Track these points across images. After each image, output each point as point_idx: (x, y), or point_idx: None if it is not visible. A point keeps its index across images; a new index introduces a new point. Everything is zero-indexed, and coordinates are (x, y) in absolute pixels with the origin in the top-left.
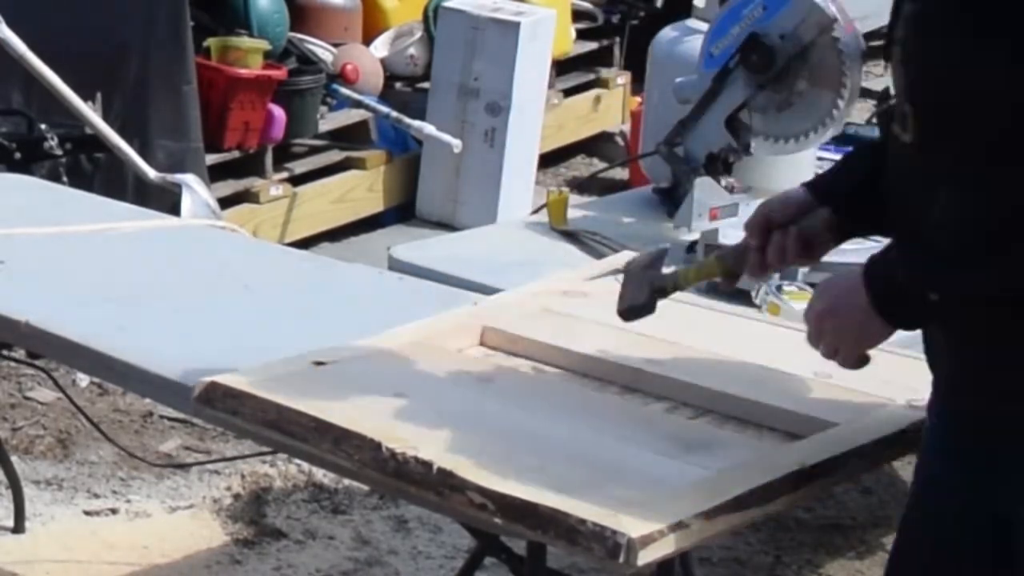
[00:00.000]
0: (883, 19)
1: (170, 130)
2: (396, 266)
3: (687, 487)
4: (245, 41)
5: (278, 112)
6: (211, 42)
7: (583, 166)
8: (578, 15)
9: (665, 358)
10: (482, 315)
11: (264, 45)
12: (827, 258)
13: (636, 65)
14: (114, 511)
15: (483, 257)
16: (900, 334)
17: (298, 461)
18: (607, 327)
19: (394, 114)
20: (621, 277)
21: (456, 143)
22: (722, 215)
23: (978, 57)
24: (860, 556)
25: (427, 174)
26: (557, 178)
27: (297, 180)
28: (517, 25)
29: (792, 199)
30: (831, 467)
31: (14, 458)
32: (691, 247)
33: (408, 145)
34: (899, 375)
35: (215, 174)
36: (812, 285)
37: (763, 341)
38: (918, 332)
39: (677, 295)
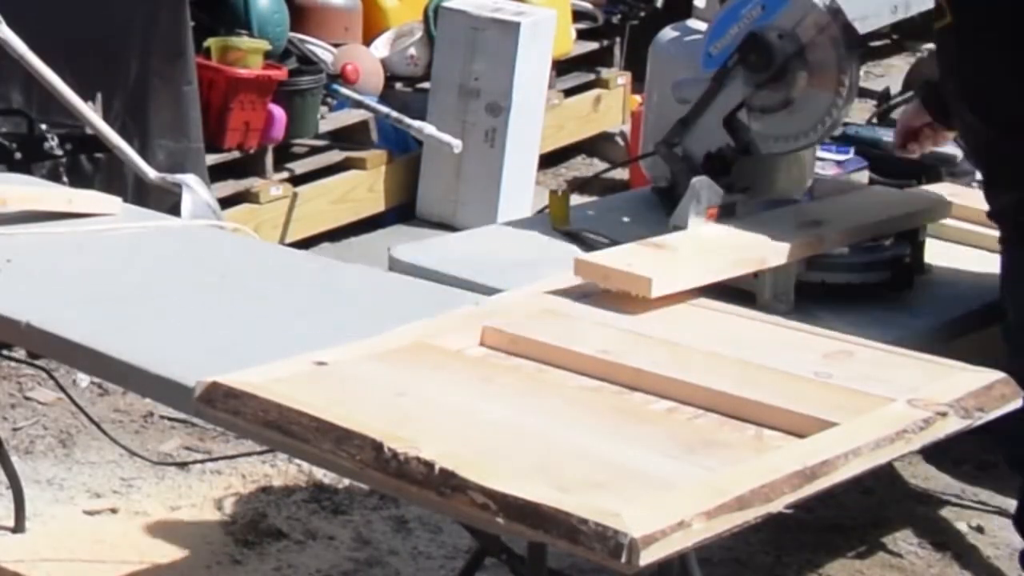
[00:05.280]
0: (882, 19)
1: (170, 130)
2: (396, 266)
3: (688, 487)
4: (245, 41)
5: (278, 112)
6: (211, 42)
7: (583, 166)
8: (578, 15)
9: (665, 358)
10: (482, 315)
11: (264, 45)
12: None
13: (636, 65)
14: (114, 511)
15: (483, 257)
16: (898, 336)
17: (298, 461)
18: (607, 327)
19: (394, 114)
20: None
21: (456, 143)
22: (720, 214)
23: None
24: (860, 556)
25: (427, 174)
26: (557, 178)
27: (297, 180)
28: (517, 25)
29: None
30: (831, 467)
31: (14, 458)
32: None
33: (408, 145)
34: (899, 375)
35: (215, 174)
36: None
37: (763, 341)
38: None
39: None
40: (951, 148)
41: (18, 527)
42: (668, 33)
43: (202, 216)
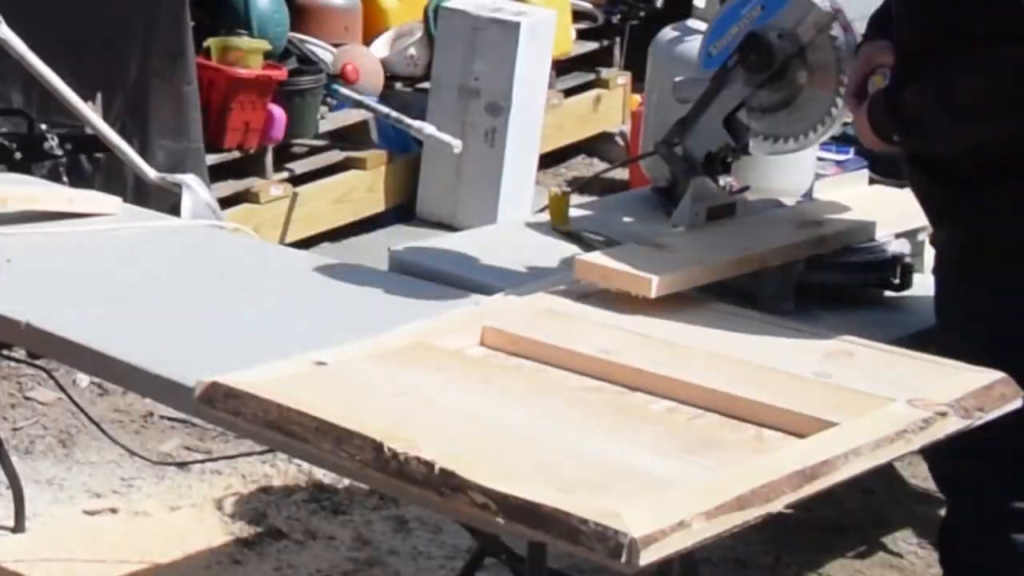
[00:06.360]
0: None
1: (170, 130)
2: (396, 266)
3: (688, 487)
4: (245, 41)
5: (278, 112)
6: (211, 42)
7: (583, 166)
8: (578, 15)
9: (665, 358)
10: (482, 315)
11: (264, 45)
12: None
13: (636, 65)
14: (114, 511)
15: (483, 257)
16: (898, 336)
17: (298, 461)
18: (607, 327)
19: (394, 114)
20: None
21: (456, 143)
22: (720, 214)
23: None
24: (860, 556)
25: (427, 174)
26: (557, 178)
27: (297, 180)
28: (517, 25)
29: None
30: (831, 467)
31: (14, 458)
32: None
33: (408, 145)
34: (899, 375)
35: (215, 174)
36: None
37: (763, 341)
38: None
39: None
40: None
41: (18, 527)
42: (668, 33)
43: (202, 216)
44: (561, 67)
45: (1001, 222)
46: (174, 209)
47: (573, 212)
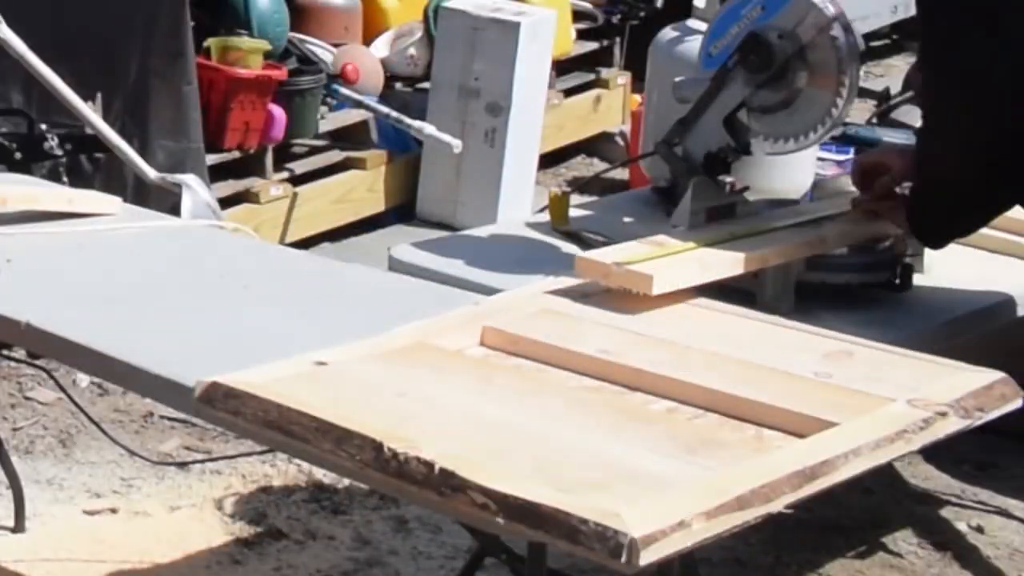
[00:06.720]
0: (883, 19)
1: (170, 130)
2: (396, 266)
3: (688, 487)
4: (245, 41)
5: (278, 112)
6: (211, 42)
7: (583, 166)
8: (578, 15)
9: (665, 358)
10: (482, 315)
11: (264, 45)
12: None
13: (636, 65)
14: (114, 511)
15: (483, 257)
16: (898, 336)
17: (298, 461)
18: (607, 327)
19: (394, 114)
20: None
21: (456, 143)
22: (720, 214)
23: None
24: (860, 556)
25: (427, 174)
26: (557, 178)
27: (297, 180)
28: (517, 25)
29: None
30: (831, 467)
31: (14, 458)
32: None
33: (408, 145)
34: (899, 375)
35: (215, 174)
36: None
37: (763, 341)
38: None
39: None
40: None
41: (18, 527)
42: (668, 33)
43: (202, 216)
44: (561, 67)
45: None
46: (174, 209)
47: (573, 212)
